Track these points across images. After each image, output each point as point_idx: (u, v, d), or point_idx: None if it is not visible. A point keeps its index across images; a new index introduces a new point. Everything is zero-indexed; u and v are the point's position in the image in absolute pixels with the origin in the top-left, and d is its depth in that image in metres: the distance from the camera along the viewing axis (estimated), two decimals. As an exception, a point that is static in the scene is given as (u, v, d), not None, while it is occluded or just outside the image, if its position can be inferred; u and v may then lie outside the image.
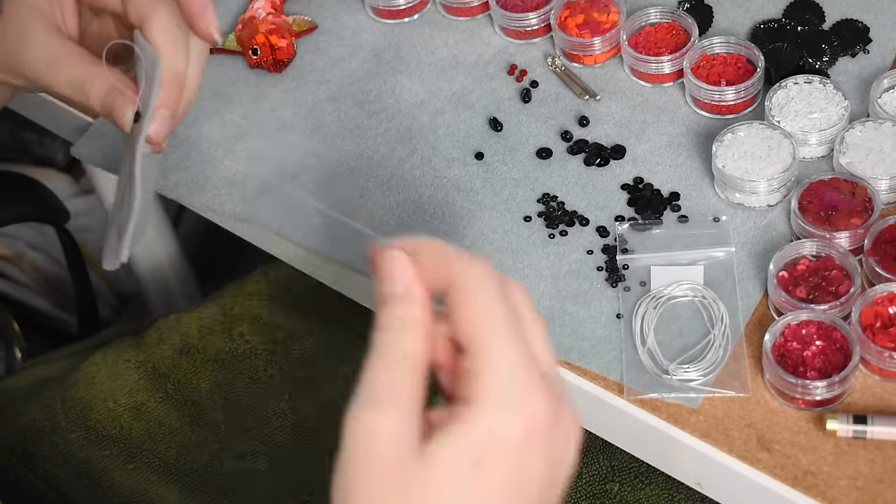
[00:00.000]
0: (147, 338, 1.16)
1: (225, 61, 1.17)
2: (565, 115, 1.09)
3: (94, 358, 1.15)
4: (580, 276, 1.00)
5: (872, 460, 0.89)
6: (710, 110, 1.06)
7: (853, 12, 1.11)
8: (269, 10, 1.16)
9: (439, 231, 1.03)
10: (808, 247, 0.96)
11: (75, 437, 1.13)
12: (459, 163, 1.07)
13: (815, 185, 0.98)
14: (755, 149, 1.01)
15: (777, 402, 0.92)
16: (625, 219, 1.02)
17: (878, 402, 0.91)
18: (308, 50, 1.16)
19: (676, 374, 0.92)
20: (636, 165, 1.05)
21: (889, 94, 1.03)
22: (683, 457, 0.93)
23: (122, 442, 1.12)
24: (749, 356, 0.94)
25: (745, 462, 0.90)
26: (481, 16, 1.16)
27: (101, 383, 1.14)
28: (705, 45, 1.07)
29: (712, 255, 0.98)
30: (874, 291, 0.93)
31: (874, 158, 0.99)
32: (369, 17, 1.18)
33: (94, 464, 1.12)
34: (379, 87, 1.13)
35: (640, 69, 1.09)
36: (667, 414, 0.92)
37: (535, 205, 1.04)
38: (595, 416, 0.97)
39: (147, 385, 1.13)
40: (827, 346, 0.91)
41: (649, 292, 0.97)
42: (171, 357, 1.14)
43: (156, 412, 1.12)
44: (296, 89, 1.14)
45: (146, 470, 1.10)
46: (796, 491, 0.88)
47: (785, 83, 1.04)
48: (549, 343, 0.70)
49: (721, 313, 0.95)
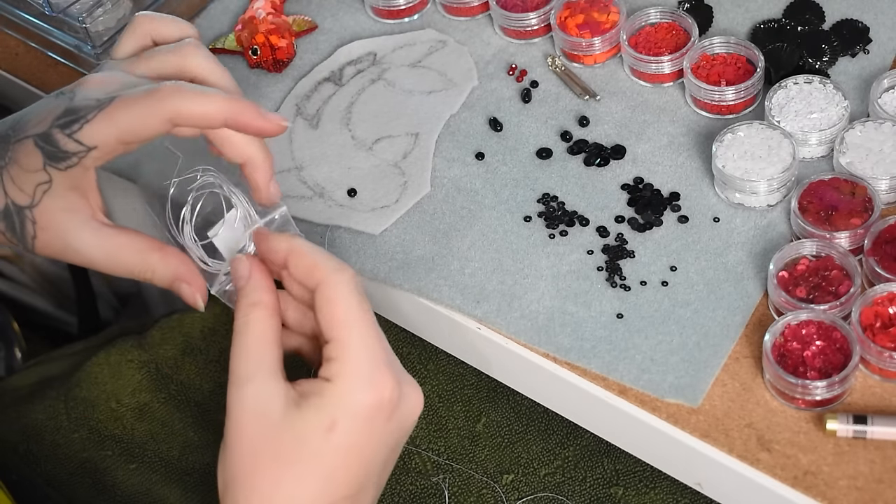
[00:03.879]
0: (150, 338, 1.16)
1: (225, 61, 1.16)
2: (565, 115, 1.09)
3: (98, 358, 1.15)
4: (580, 276, 1.00)
5: (872, 460, 0.89)
6: (710, 110, 1.07)
7: (853, 12, 1.11)
8: (269, 10, 1.16)
9: (439, 231, 1.03)
10: (808, 247, 0.96)
11: (78, 436, 1.13)
12: (459, 163, 1.07)
13: (815, 185, 0.99)
14: (755, 149, 1.01)
15: (777, 402, 0.92)
16: (625, 219, 1.02)
17: (878, 402, 0.91)
18: (308, 50, 1.17)
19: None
20: (636, 165, 1.05)
21: (889, 94, 1.03)
22: (683, 457, 0.93)
23: (125, 442, 1.12)
24: (749, 356, 0.94)
25: (745, 462, 0.90)
26: (481, 16, 1.16)
27: (105, 383, 1.14)
28: (705, 45, 1.07)
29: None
30: (874, 291, 0.93)
31: (874, 158, 0.99)
32: (369, 16, 1.18)
33: (96, 463, 1.12)
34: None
35: (640, 69, 1.09)
36: (667, 414, 0.93)
37: (535, 205, 1.04)
38: (595, 417, 0.98)
39: (150, 385, 1.14)
40: (827, 346, 0.91)
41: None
42: (175, 357, 1.14)
43: (159, 412, 1.12)
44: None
45: (148, 470, 1.11)
46: (796, 491, 0.88)
47: (785, 83, 1.04)
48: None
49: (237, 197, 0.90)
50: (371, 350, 0.80)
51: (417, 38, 1.15)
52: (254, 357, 0.80)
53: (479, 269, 1.01)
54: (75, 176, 0.87)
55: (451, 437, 1.07)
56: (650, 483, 1.03)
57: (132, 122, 0.86)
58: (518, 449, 1.06)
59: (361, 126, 1.10)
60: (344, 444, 0.79)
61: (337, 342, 0.80)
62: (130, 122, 0.85)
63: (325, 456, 0.78)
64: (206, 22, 1.20)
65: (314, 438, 0.78)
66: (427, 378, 1.10)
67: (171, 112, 0.85)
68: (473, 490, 1.05)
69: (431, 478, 1.06)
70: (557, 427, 1.07)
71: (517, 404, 1.08)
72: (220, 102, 0.86)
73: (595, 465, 1.05)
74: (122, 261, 0.88)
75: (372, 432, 0.80)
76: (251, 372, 0.80)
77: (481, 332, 0.99)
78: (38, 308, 1.58)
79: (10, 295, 1.56)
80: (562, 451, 1.06)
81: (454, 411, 1.08)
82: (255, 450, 0.79)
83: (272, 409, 0.79)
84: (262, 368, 0.80)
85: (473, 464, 1.06)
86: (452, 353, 1.05)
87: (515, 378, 1.01)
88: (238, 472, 0.80)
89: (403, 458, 1.06)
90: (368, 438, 0.80)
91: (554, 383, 0.97)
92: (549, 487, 1.05)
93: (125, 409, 1.13)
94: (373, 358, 0.80)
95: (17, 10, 1.17)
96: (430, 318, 1.01)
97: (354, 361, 0.79)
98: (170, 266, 0.88)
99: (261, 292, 0.83)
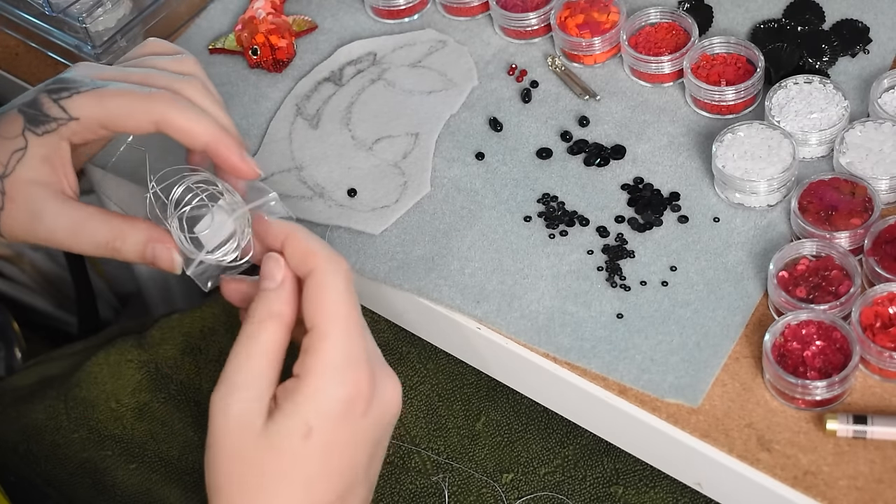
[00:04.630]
0: (150, 338, 1.16)
1: (225, 61, 1.17)
2: (565, 115, 1.09)
3: (97, 358, 1.15)
4: (580, 276, 1.00)
5: (872, 460, 0.89)
6: (710, 110, 1.07)
7: (853, 12, 1.11)
8: (269, 10, 1.16)
9: (439, 231, 1.03)
10: (808, 247, 0.96)
11: (78, 436, 1.13)
12: (459, 163, 1.07)
13: (815, 185, 0.99)
14: (755, 149, 1.01)
15: (777, 402, 0.92)
16: (625, 219, 1.02)
17: (878, 402, 0.91)
18: (308, 50, 1.17)
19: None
20: (636, 165, 1.05)
21: (889, 94, 1.03)
22: (683, 457, 0.93)
23: (125, 442, 1.12)
24: (749, 356, 0.94)
25: (745, 462, 0.90)
26: (481, 16, 1.16)
27: (104, 383, 1.14)
28: (705, 45, 1.07)
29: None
30: (874, 291, 0.93)
31: (874, 158, 0.99)
32: (369, 16, 1.18)
33: (96, 463, 1.12)
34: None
35: (640, 69, 1.09)
36: (667, 414, 0.93)
37: (535, 205, 1.04)
38: (595, 417, 0.98)
39: (150, 385, 1.14)
40: (827, 346, 0.91)
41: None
42: (174, 357, 1.14)
43: (158, 412, 1.13)
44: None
45: (148, 470, 1.11)
46: (796, 491, 0.88)
47: (785, 83, 1.04)
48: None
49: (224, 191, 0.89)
50: (349, 344, 0.78)
51: (417, 38, 1.15)
52: (255, 369, 0.78)
53: (479, 269, 1.01)
54: (50, 145, 0.87)
55: (450, 436, 1.07)
56: (650, 482, 1.03)
57: (120, 110, 0.86)
58: (518, 448, 1.06)
59: (361, 126, 1.10)
60: (322, 448, 0.77)
61: (317, 331, 0.78)
62: (118, 109, 0.86)
63: (304, 463, 0.77)
64: (206, 22, 1.20)
65: (292, 447, 0.76)
66: (427, 377, 1.10)
67: (159, 116, 0.86)
68: (473, 489, 1.05)
69: (431, 477, 1.06)
70: (557, 426, 1.07)
71: (517, 403, 1.08)
72: (208, 127, 0.86)
73: (595, 465, 1.05)
74: (90, 231, 0.86)
75: (348, 430, 0.78)
76: (248, 383, 0.78)
77: (481, 332, 0.99)
78: (38, 308, 1.58)
79: (10, 295, 1.56)
80: (562, 451, 1.06)
81: (454, 410, 1.08)
82: (237, 462, 0.77)
83: (256, 422, 0.77)
84: (259, 383, 0.78)
85: (473, 463, 1.06)
86: (452, 352, 1.05)
87: (515, 378, 1.01)
88: (222, 483, 0.78)
89: (403, 458, 1.06)
90: (347, 437, 0.78)
91: (554, 383, 0.97)
92: (548, 486, 1.05)
93: (125, 408, 1.13)
94: (348, 353, 0.77)
95: (17, 10, 1.17)
96: (430, 318, 1.01)
97: (329, 356, 0.77)
98: (140, 230, 0.86)
99: (284, 305, 0.80)
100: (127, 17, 1.16)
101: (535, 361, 0.97)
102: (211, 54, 1.17)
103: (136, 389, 1.14)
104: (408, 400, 1.08)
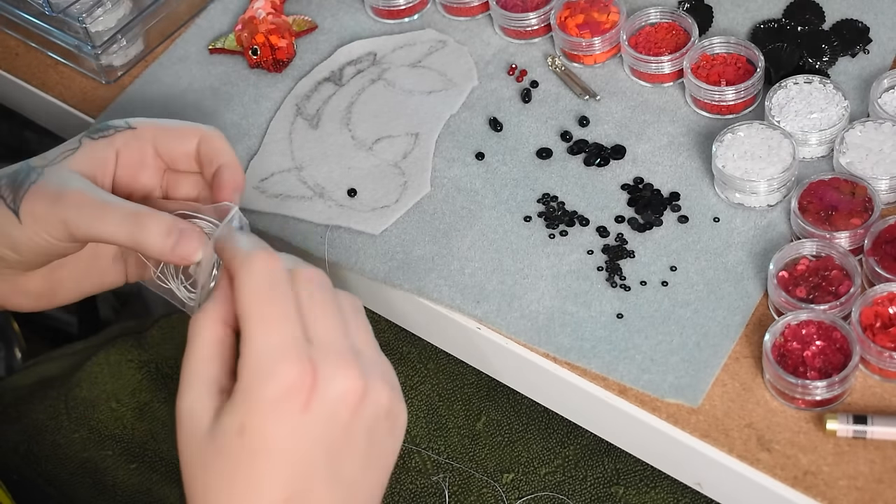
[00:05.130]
0: (150, 338, 1.16)
1: (225, 61, 1.17)
2: (565, 115, 1.09)
3: (98, 358, 1.15)
4: (580, 276, 1.00)
5: (872, 460, 0.89)
6: (710, 110, 1.07)
7: (853, 12, 1.11)
8: (269, 10, 1.16)
9: (439, 231, 1.03)
10: (808, 247, 0.96)
11: (78, 436, 1.13)
12: (459, 163, 1.07)
13: (815, 185, 0.99)
14: (755, 149, 1.01)
15: (777, 402, 0.92)
16: (625, 219, 1.02)
17: (878, 402, 0.92)
18: (308, 50, 1.17)
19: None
20: (636, 165, 1.05)
21: (889, 94, 1.03)
22: (683, 457, 0.93)
23: (125, 442, 1.12)
24: (749, 356, 0.94)
25: (745, 462, 0.90)
26: (481, 16, 1.16)
27: (105, 383, 1.14)
28: (705, 45, 1.07)
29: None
30: (874, 291, 0.93)
31: (874, 158, 0.99)
32: (369, 16, 1.18)
33: (96, 463, 1.12)
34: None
35: (640, 69, 1.09)
36: (667, 414, 0.93)
37: (535, 205, 1.04)
38: (595, 417, 0.98)
39: (150, 385, 1.14)
40: (827, 346, 0.91)
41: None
42: (175, 357, 1.14)
43: (159, 412, 1.13)
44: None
45: (149, 470, 1.11)
46: (796, 491, 0.88)
47: (785, 83, 1.04)
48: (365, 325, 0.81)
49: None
50: (269, 339, 0.75)
51: (417, 38, 1.15)
52: (194, 367, 0.77)
53: (479, 269, 1.01)
54: (100, 147, 0.90)
55: (451, 436, 1.07)
56: (650, 482, 1.03)
57: (172, 131, 0.92)
58: (518, 448, 1.06)
59: (361, 126, 1.10)
60: (256, 445, 0.74)
61: (242, 334, 0.76)
62: (173, 127, 0.92)
63: (243, 461, 0.74)
64: (206, 22, 1.20)
65: (230, 445, 0.75)
66: (427, 377, 1.10)
67: (203, 134, 0.91)
68: (473, 489, 1.05)
69: (431, 477, 1.06)
70: (557, 426, 1.07)
71: (517, 403, 1.08)
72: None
73: (595, 465, 1.05)
74: (111, 211, 0.85)
75: (286, 426, 0.74)
76: (189, 382, 0.77)
77: (481, 331, 0.99)
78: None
79: (10, 295, 1.56)
80: (562, 450, 1.06)
81: (454, 410, 1.09)
82: (190, 461, 0.77)
83: (203, 421, 0.76)
84: (198, 381, 0.77)
85: (473, 463, 1.06)
86: (452, 352, 1.05)
87: (515, 378, 1.01)
88: (186, 481, 0.77)
89: (403, 458, 1.07)
90: (285, 433, 0.74)
91: (554, 383, 0.97)
92: (549, 486, 1.05)
93: (125, 408, 1.13)
94: (271, 348, 0.75)
95: (17, 10, 1.17)
96: (430, 318, 1.02)
97: (250, 352, 0.75)
98: (165, 215, 0.86)
99: (218, 303, 0.79)
100: (127, 17, 1.16)
101: (535, 361, 0.97)
102: (211, 54, 1.17)
103: (136, 389, 1.14)
104: (408, 400, 1.08)
